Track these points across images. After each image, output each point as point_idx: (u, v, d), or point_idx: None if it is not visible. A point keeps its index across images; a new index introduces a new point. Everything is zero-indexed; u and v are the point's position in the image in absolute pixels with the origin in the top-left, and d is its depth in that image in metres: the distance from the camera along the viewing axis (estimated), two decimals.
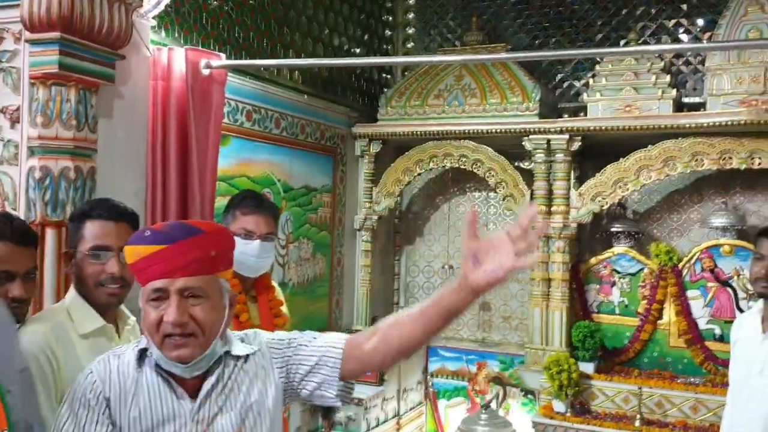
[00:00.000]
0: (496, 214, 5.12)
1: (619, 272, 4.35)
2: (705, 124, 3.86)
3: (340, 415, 4.34)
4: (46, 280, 2.44)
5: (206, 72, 3.07)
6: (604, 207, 4.21)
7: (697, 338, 4.10)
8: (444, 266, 5.15)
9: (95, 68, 2.54)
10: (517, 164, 4.62)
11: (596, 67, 4.32)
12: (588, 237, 4.69)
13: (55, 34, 2.38)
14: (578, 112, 4.52)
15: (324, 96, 4.54)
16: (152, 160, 2.96)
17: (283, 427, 2.81)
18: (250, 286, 2.67)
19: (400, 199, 5.20)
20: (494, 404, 4.70)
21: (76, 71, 2.47)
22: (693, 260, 4.16)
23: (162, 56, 2.97)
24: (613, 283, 4.37)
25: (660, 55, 4.22)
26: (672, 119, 3.97)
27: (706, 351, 4.06)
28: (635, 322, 4.27)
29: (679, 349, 4.17)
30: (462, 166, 4.60)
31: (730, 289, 4.06)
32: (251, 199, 2.69)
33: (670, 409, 3.91)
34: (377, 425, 4.51)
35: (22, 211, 2.47)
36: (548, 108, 4.51)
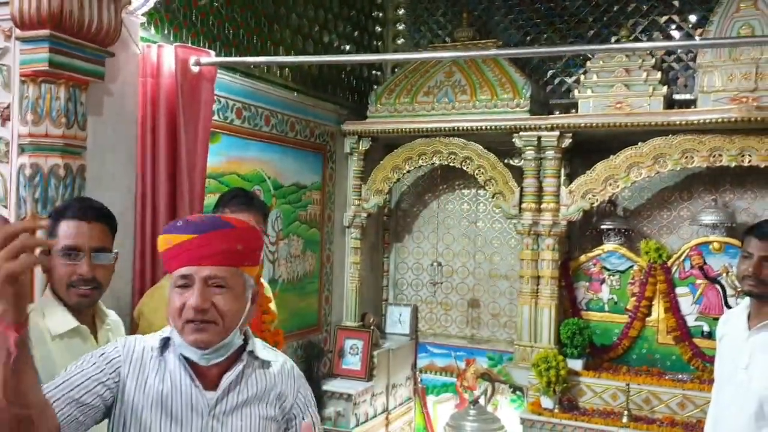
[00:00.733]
0: (485, 212, 5.13)
1: (608, 269, 4.37)
2: (695, 122, 3.87)
3: (330, 410, 4.34)
4: (36, 279, 2.42)
5: (196, 69, 3.04)
6: (595, 204, 4.23)
7: (686, 335, 4.13)
8: (433, 263, 5.16)
9: (85, 66, 2.51)
10: (507, 161, 4.63)
11: (587, 63, 4.33)
12: (578, 234, 4.71)
13: (45, 32, 2.35)
14: (569, 108, 4.52)
15: (314, 93, 4.52)
16: (142, 157, 2.93)
17: None
18: None
19: (390, 196, 5.19)
20: (482, 400, 4.73)
21: (67, 69, 2.44)
22: (682, 257, 4.19)
23: (151, 53, 2.94)
24: (602, 281, 4.39)
25: (651, 51, 4.23)
26: (663, 116, 3.98)
27: (694, 348, 4.09)
28: (624, 319, 4.30)
29: (668, 346, 4.20)
30: (451, 164, 4.59)
31: (718, 286, 4.09)
32: (240, 198, 2.69)
33: (658, 406, 3.94)
34: (366, 420, 4.52)
35: (13, 209, 2.45)
36: (539, 104, 4.52)
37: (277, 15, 4.20)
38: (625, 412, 3.90)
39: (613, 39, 4.66)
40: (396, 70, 5.08)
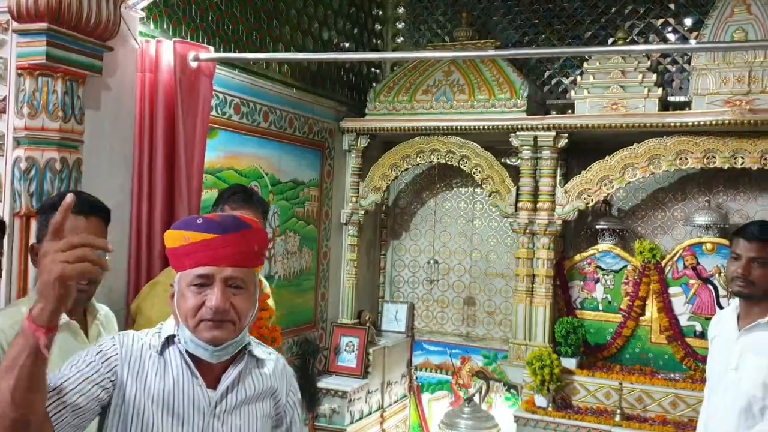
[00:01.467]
0: (482, 211, 5.15)
1: (603, 269, 4.40)
2: (690, 123, 3.90)
3: (325, 407, 4.36)
4: (31, 272, 2.44)
5: (194, 64, 3.06)
6: (590, 204, 4.25)
7: (678, 335, 4.15)
8: (429, 261, 5.18)
9: (83, 60, 2.53)
10: (504, 161, 4.65)
11: (584, 64, 4.35)
12: (573, 234, 4.74)
13: (42, 25, 2.36)
14: (565, 109, 4.55)
15: (312, 90, 4.54)
16: (139, 152, 2.95)
17: None
18: None
19: (387, 194, 5.21)
20: (477, 398, 4.75)
21: (64, 62, 2.45)
22: (676, 257, 4.21)
23: (150, 48, 2.96)
24: (596, 280, 4.41)
25: (647, 54, 4.25)
26: (657, 118, 4.00)
27: (686, 347, 4.12)
28: (618, 318, 4.32)
29: (661, 346, 4.22)
30: (449, 162, 4.62)
31: (711, 287, 4.12)
32: (240, 194, 2.70)
33: (650, 404, 3.96)
34: (361, 418, 4.54)
35: (8, 203, 2.45)
36: (536, 105, 4.54)
37: (276, 11, 4.22)
38: (618, 411, 3.92)
39: (610, 41, 4.68)
40: (395, 68, 5.11)
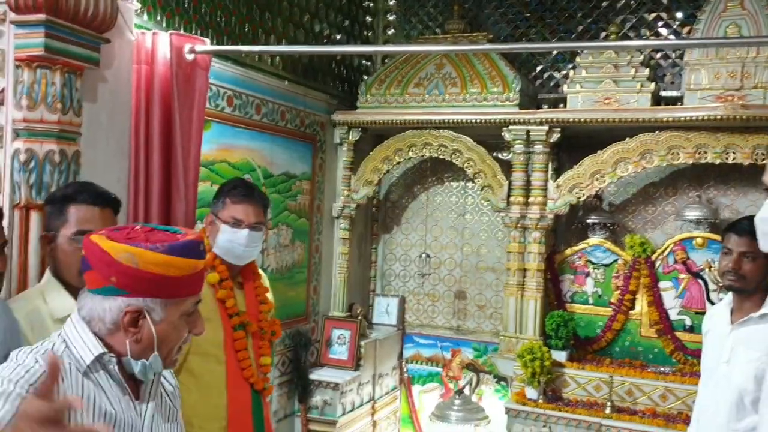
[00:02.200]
0: (473, 204, 5.17)
1: (593, 263, 4.43)
2: (682, 119, 3.93)
3: (317, 399, 4.37)
4: (31, 263, 2.42)
5: (190, 57, 3.04)
6: (581, 198, 4.28)
7: (668, 329, 4.20)
8: (421, 255, 5.19)
9: (81, 51, 2.50)
10: (496, 155, 4.66)
11: (576, 59, 4.36)
12: (564, 228, 4.77)
13: (40, 17, 2.33)
14: (558, 103, 4.57)
15: (304, 82, 4.52)
16: (135, 144, 2.93)
17: (264, 410, 2.85)
18: (237, 272, 2.67)
19: (379, 187, 5.21)
20: (467, 390, 4.79)
21: (62, 54, 2.43)
22: (666, 252, 4.26)
23: (146, 40, 2.93)
24: (587, 274, 4.45)
25: (640, 49, 4.28)
26: (650, 112, 4.03)
27: (676, 341, 4.17)
28: (608, 312, 4.36)
29: (650, 339, 4.27)
30: (441, 156, 4.62)
31: (701, 281, 4.16)
32: (242, 188, 2.69)
33: (640, 397, 4.01)
34: (353, 409, 4.55)
35: (7, 194, 2.43)
36: (528, 99, 4.55)
37: (268, 3, 4.19)
38: (608, 404, 3.96)
39: (602, 35, 4.71)
40: (386, 60, 5.10)
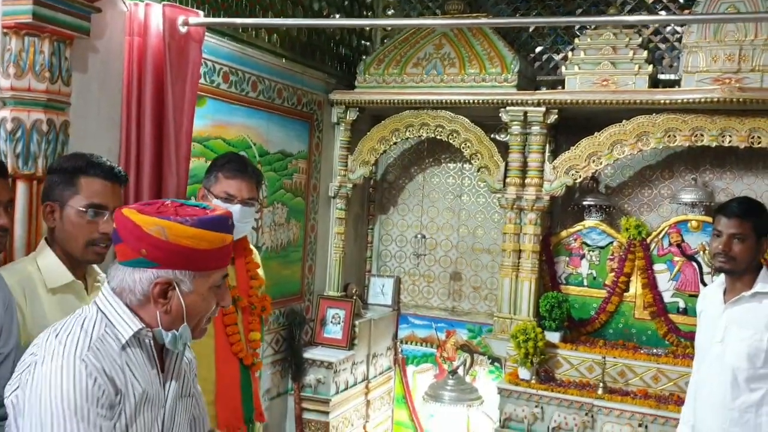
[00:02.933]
0: (470, 186, 5.16)
1: (588, 245, 4.42)
2: (679, 101, 3.91)
3: (311, 377, 4.39)
4: (17, 233, 2.42)
5: (183, 29, 3.03)
6: (578, 180, 4.27)
7: (662, 311, 4.20)
8: (417, 236, 5.19)
9: (70, 20, 2.49)
10: (493, 136, 4.65)
11: (575, 40, 4.34)
12: (560, 210, 4.76)
13: None
14: (556, 85, 4.53)
15: (302, 60, 4.49)
16: (127, 117, 2.93)
17: (253, 385, 2.86)
18: None
19: (376, 168, 5.21)
20: (461, 371, 4.80)
21: (51, 22, 2.41)
22: (661, 235, 4.25)
23: (138, 11, 2.92)
24: (582, 256, 4.44)
25: (638, 30, 4.25)
26: (647, 95, 4.00)
27: (669, 323, 4.17)
28: (602, 294, 4.36)
29: (644, 321, 4.27)
30: (438, 137, 4.61)
31: (695, 264, 4.16)
32: (235, 163, 2.69)
33: (632, 378, 4.01)
34: (346, 388, 4.57)
35: None
36: (526, 80, 4.53)
37: None
38: (601, 384, 3.97)
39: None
40: (385, 41, 5.07)
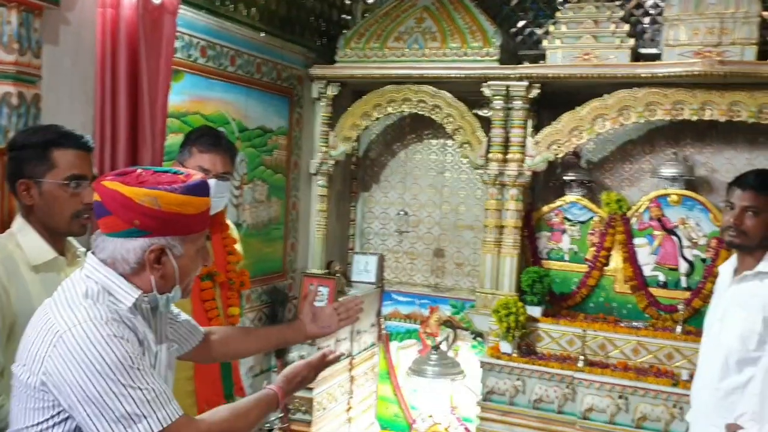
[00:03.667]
0: (452, 162, 5.14)
1: (570, 220, 4.43)
2: (660, 75, 3.90)
3: (294, 354, 4.38)
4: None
5: (157, 1, 2.97)
6: (559, 155, 4.26)
7: (642, 285, 4.22)
8: (399, 213, 5.18)
9: None
10: (476, 112, 4.62)
11: (557, 14, 4.31)
12: (541, 185, 4.76)
13: None
14: (538, 60, 4.51)
15: (281, 35, 4.43)
16: (101, 90, 2.87)
17: (232, 365, 2.86)
18: None
19: (358, 144, 5.18)
20: (444, 346, 4.82)
21: None
22: (642, 209, 4.26)
23: None
24: (563, 231, 4.45)
25: (621, 4, 4.23)
26: (628, 68, 3.99)
27: (649, 297, 4.19)
28: (583, 268, 4.37)
29: (624, 295, 4.29)
30: (420, 112, 4.58)
31: (675, 237, 4.18)
32: (208, 137, 2.66)
33: (612, 351, 4.04)
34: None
35: None
36: (508, 55, 4.50)
37: None
38: (581, 357, 4.00)
39: None
40: (366, 15, 5.01)
